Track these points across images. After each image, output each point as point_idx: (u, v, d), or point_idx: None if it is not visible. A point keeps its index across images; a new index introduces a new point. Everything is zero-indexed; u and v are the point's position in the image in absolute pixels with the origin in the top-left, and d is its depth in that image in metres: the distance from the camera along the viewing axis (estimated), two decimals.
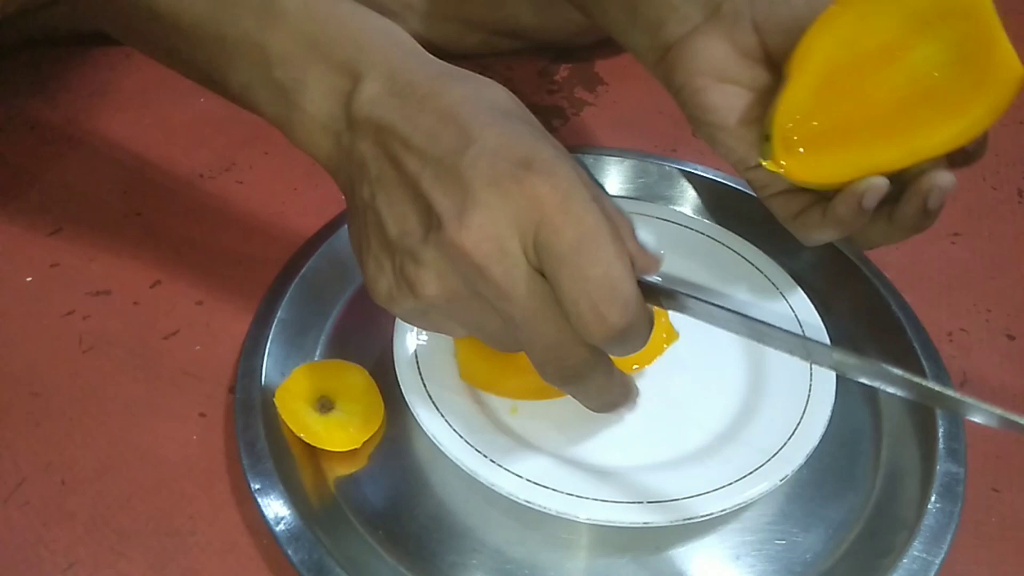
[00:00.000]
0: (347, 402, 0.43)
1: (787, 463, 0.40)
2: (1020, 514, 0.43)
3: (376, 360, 0.45)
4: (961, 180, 0.39)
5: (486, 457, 0.39)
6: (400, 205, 0.32)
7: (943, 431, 0.43)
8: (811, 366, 0.44)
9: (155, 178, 0.57)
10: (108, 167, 0.58)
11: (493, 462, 0.39)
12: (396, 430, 0.44)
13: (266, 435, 0.41)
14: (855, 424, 0.45)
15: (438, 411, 0.40)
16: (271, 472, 0.40)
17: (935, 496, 0.41)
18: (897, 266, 0.53)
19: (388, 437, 0.44)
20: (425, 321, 0.35)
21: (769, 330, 0.34)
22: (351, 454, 0.42)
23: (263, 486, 0.40)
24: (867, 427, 0.46)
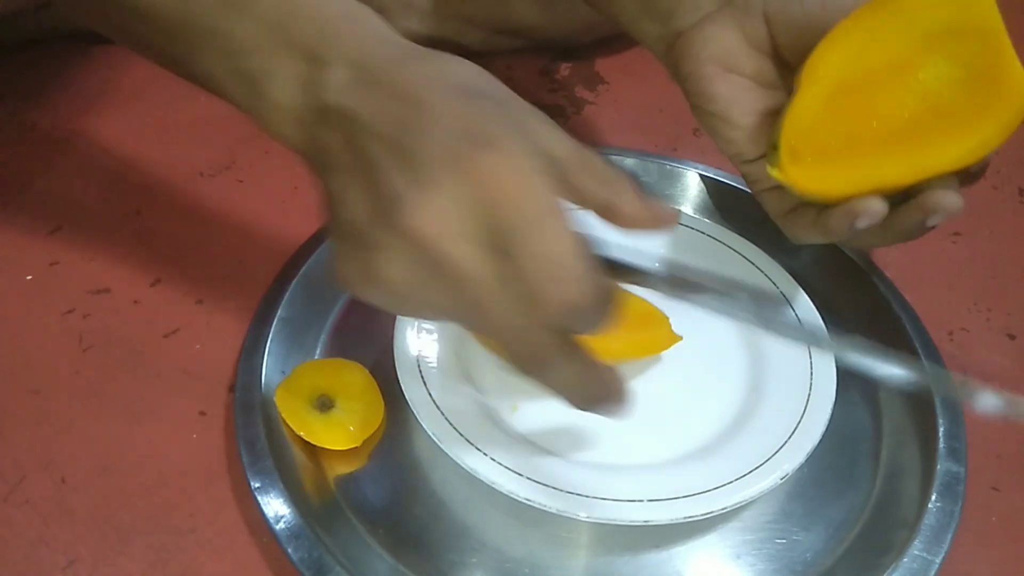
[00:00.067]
0: (347, 401, 0.43)
1: (787, 462, 0.40)
2: (1020, 513, 0.43)
3: (376, 359, 0.45)
4: None
5: (486, 455, 0.39)
6: (362, 191, 0.32)
7: (943, 430, 0.43)
8: (811, 366, 0.44)
9: (155, 177, 0.57)
10: (108, 166, 0.58)
11: (493, 460, 0.39)
12: (396, 429, 0.44)
13: (266, 434, 0.41)
14: (855, 423, 0.45)
15: (438, 410, 0.40)
16: (271, 471, 0.40)
17: (935, 495, 0.41)
18: (898, 265, 0.53)
19: (388, 436, 0.44)
20: (397, 306, 0.35)
21: (732, 303, 0.34)
22: (351, 453, 0.42)
23: (263, 484, 0.39)
24: (867, 426, 0.46)
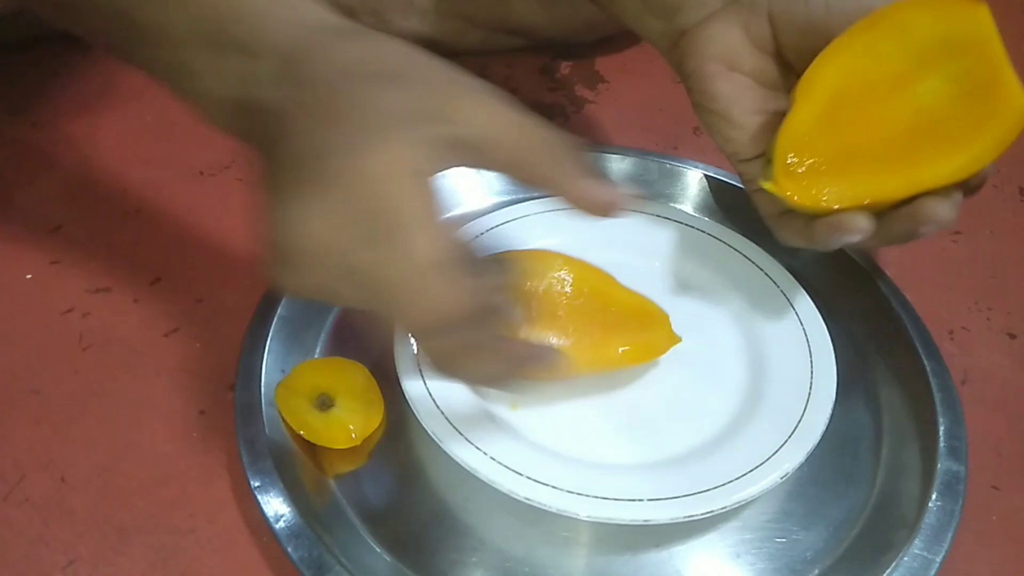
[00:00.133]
0: (347, 399, 0.43)
1: (788, 461, 0.40)
2: (1021, 512, 0.43)
3: (376, 357, 0.45)
4: None
5: (486, 454, 0.39)
6: (281, 187, 0.32)
7: (944, 429, 0.43)
8: (811, 365, 0.44)
9: (155, 175, 0.57)
10: (108, 164, 0.58)
11: (493, 459, 0.39)
12: (396, 428, 0.44)
13: (266, 433, 0.41)
14: (856, 422, 0.45)
15: (438, 409, 0.40)
16: (271, 470, 0.40)
17: (936, 494, 0.41)
18: (898, 264, 0.53)
19: (388, 435, 0.44)
20: (327, 302, 0.35)
21: None
22: (351, 452, 0.42)
23: (263, 484, 0.39)
24: (868, 425, 0.45)
